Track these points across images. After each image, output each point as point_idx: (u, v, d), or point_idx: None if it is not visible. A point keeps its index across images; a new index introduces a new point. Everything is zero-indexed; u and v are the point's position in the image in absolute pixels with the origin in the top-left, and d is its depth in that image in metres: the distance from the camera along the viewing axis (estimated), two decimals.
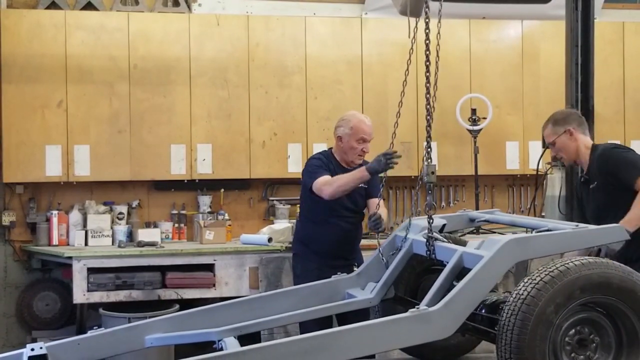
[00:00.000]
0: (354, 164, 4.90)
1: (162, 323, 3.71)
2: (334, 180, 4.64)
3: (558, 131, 4.51)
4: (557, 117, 4.59)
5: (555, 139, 4.53)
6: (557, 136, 4.51)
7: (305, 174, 4.88)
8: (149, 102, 6.84)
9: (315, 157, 4.96)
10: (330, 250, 4.87)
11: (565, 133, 4.49)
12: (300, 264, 4.97)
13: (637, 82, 7.67)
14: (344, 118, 4.95)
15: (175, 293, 6.31)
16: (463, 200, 7.64)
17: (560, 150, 4.55)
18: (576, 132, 4.51)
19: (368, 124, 4.88)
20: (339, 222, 4.86)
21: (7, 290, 6.94)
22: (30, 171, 6.62)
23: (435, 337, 3.25)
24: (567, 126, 4.50)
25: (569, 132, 4.49)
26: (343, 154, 4.92)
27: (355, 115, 4.96)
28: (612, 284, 3.18)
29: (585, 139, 4.56)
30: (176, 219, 7.08)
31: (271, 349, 3.06)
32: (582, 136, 4.54)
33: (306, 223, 5.02)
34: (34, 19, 6.67)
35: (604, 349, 3.28)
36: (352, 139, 4.85)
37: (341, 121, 4.94)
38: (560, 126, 4.51)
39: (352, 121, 4.87)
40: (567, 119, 4.54)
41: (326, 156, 4.97)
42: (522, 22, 7.58)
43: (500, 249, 3.26)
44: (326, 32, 7.21)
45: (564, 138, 4.50)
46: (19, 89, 6.59)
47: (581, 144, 4.52)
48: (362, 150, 4.87)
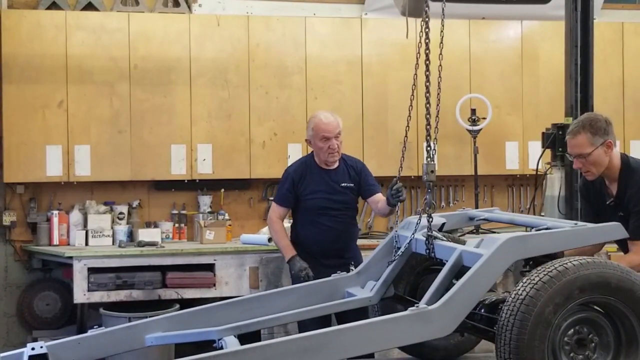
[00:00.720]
0: (330, 163, 4.96)
1: (162, 322, 3.71)
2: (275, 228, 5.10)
3: (597, 142, 3.82)
4: (597, 124, 3.83)
5: (593, 151, 3.83)
6: (595, 148, 3.82)
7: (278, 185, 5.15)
8: (150, 102, 6.85)
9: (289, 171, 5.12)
10: (321, 250, 4.92)
11: (603, 145, 3.82)
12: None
13: (637, 82, 7.68)
14: (309, 120, 5.06)
15: (175, 293, 6.32)
16: (463, 200, 7.65)
17: (593, 164, 3.88)
18: (613, 146, 3.88)
19: (327, 122, 4.91)
20: (326, 222, 4.91)
21: (7, 290, 6.95)
22: (31, 171, 6.63)
23: (435, 336, 3.26)
24: (609, 138, 3.83)
25: (608, 146, 3.83)
26: (316, 155, 5.04)
27: (317, 115, 5.03)
28: (610, 283, 3.18)
29: (617, 153, 3.92)
30: (176, 219, 7.09)
31: (271, 348, 3.06)
32: (616, 150, 3.92)
33: (297, 224, 5.12)
34: (34, 19, 6.68)
35: (602, 349, 3.28)
36: (316, 139, 4.94)
37: (307, 123, 5.05)
38: (600, 136, 3.82)
39: (313, 121, 4.97)
40: (608, 129, 3.83)
41: (306, 161, 5.08)
42: (522, 22, 7.59)
43: (500, 247, 3.26)
44: (326, 32, 7.23)
45: (601, 151, 3.83)
46: (19, 89, 6.61)
47: (614, 160, 3.90)
48: (330, 148, 4.89)
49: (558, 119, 6.09)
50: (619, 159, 3.94)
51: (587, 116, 3.97)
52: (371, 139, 7.23)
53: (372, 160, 7.14)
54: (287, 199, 5.05)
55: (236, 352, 3.10)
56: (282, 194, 5.08)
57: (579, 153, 3.88)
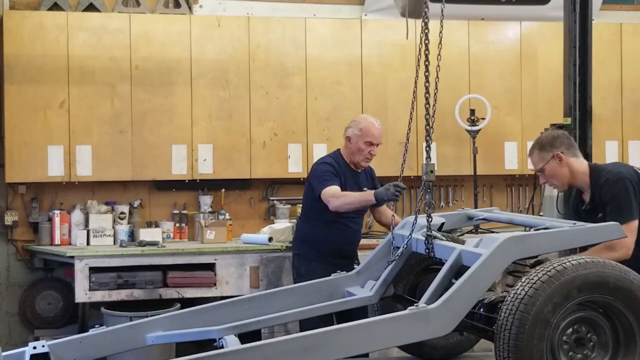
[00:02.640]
0: (361, 166, 4.99)
1: (163, 321, 3.72)
2: (342, 195, 4.74)
3: (546, 157, 4.10)
4: (543, 141, 4.15)
5: (544, 166, 4.11)
6: (546, 162, 4.10)
7: (314, 178, 4.93)
8: (151, 103, 6.87)
9: (326, 162, 5.01)
10: (335, 250, 4.93)
11: (553, 158, 4.08)
12: (304, 264, 5.01)
13: (635, 82, 7.70)
14: (355, 119, 5.08)
15: (176, 292, 6.34)
16: (462, 200, 7.67)
17: (552, 177, 4.14)
18: (566, 156, 4.08)
19: (377, 128, 5.00)
20: (347, 222, 4.93)
21: (9, 289, 6.97)
22: (33, 171, 6.65)
23: (434, 335, 3.27)
24: (555, 150, 4.08)
25: (558, 157, 4.07)
26: (351, 155, 5.01)
27: (366, 118, 5.08)
28: (609, 283, 3.19)
29: (578, 162, 4.12)
30: (177, 218, 7.12)
31: (271, 347, 3.07)
32: (574, 159, 4.11)
33: (311, 223, 5.06)
34: (36, 20, 6.70)
35: (601, 348, 3.29)
36: (360, 140, 4.95)
37: (352, 122, 5.06)
38: (547, 151, 4.10)
39: (362, 123, 4.99)
40: (554, 143, 4.10)
41: (335, 158, 5.05)
42: (521, 23, 7.61)
43: (498, 247, 3.27)
44: (326, 33, 7.25)
45: (553, 164, 4.09)
46: (21, 89, 6.63)
47: (575, 168, 4.10)
48: (370, 153, 4.94)
49: (557, 119, 6.10)
50: (586, 167, 4.14)
51: (541, 136, 4.32)
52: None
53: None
54: (337, 181, 4.87)
55: (237, 351, 3.11)
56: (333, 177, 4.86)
57: (536, 170, 4.22)
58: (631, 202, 3.93)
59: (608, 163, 4.38)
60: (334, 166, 4.95)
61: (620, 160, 7.60)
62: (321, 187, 4.80)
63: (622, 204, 3.92)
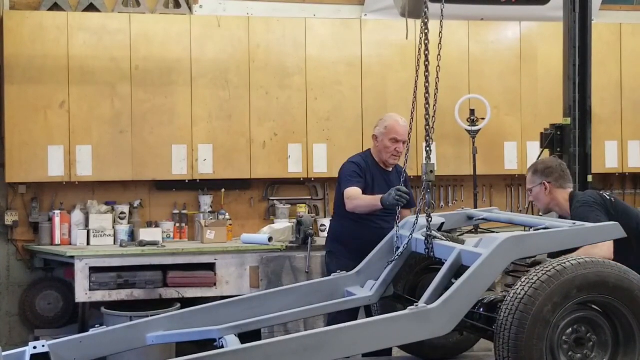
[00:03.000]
0: (389, 164, 5.02)
1: (164, 321, 3.72)
2: (355, 198, 4.84)
3: (535, 181, 4.48)
4: (538, 167, 4.54)
5: (532, 188, 4.51)
6: (534, 185, 4.49)
7: (341, 177, 5.05)
8: (151, 103, 6.88)
9: (353, 162, 5.08)
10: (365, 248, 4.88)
11: (540, 185, 4.45)
12: (335, 261, 5.01)
13: (634, 82, 7.71)
14: (382, 118, 5.14)
15: (176, 292, 6.35)
16: (462, 200, 7.68)
17: (535, 199, 4.54)
18: (552, 187, 4.44)
19: (402, 125, 5.02)
20: (378, 221, 4.93)
21: (10, 289, 6.98)
22: (33, 171, 6.66)
23: (434, 335, 3.27)
24: (544, 179, 4.44)
25: (544, 186, 4.44)
26: (379, 153, 5.08)
27: (392, 116, 5.12)
28: (608, 283, 3.20)
29: (562, 193, 4.46)
30: (177, 218, 7.12)
31: (271, 346, 3.08)
32: (560, 191, 4.45)
33: (342, 222, 5.07)
34: (36, 20, 6.71)
35: (600, 348, 3.30)
36: (385, 138, 5.00)
37: (379, 121, 5.12)
38: (537, 177, 4.47)
39: (388, 121, 5.05)
40: (546, 172, 4.46)
41: (364, 157, 5.10)
42: (520, 23, 7.62)
43: (498, 246, 3.28)
44: (326, 33, 7.25)
45: (539, 190, 4.47)
46: (21, 89, 6.63)
47: (557, 197, 4.45)
48: (396, 150, 4.98)
49: (556, 120, 6.12)
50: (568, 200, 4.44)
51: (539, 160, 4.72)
52: (371, 139, 7.22)
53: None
54: (360, 182, 4.96)
55: (237, 351, 3.11)
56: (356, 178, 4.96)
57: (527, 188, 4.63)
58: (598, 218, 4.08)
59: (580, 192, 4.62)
60: (360, 166, 5.01)
61: (620, 160, 7.64)
62: (344, 187, 4.93)
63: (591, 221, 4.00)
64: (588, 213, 4.16)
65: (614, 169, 7.73)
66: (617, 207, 4.32)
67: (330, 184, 7.54)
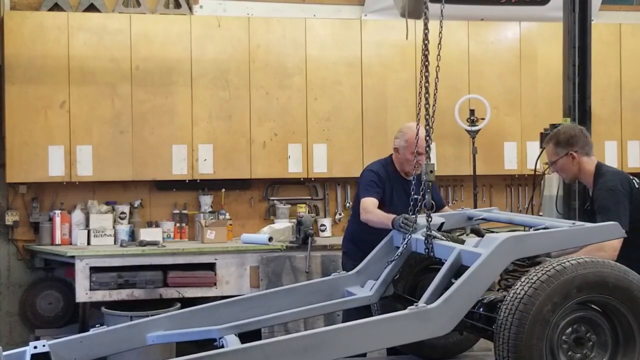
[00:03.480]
0: (411, 174, 4.93)
1: (164, 321, 3.72)
2: (370, 212, 4.78)
3: (560, 153, 4.31)
4: (560, 137, 4.34)
5: (557, 160, 4.34)
6: (559, 157, 4.32)
7: (360, 184, 5.03)
8: (151, 103, 6.89)
9: (373, 170, 5.02)
10: None
11: (567, 156, 4.29)
12: (350, 262, 5.00)
13: (634, 82, 7.72)
14: (401, 130, 5.03)
15: (176, 292, 6.36)
16: (461, 200, 7.69)
17: (561, 170, 4.38)
18: (579, 156, 4.28)
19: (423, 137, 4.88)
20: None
21: (10, 289, 7.00)
22: (34, 171, 6.67)
23: (434, 334, 3.27)
24: (570, 149, 4.28)
25: (571, 156, 4.28)
26: (400, 164, 5.02)
27: (411, 128, 4.92)
28: (608, 282, 3.19)
29: (589, 161, 4.31)
30: (178, 218, 7.14)
31: (271, 346, 3.07)
32: (586, 158, 4.31)
33: (361, 224, 5.01)
34: (37, 20, 6.72)
35: (600, 347, 3.29)
36: (407, 151, 4.92)
37: (399, 133, 5.03)
38: (562, 148, 4.30)
39: (408, 134, 4.92)
40: (571, 141, 4.29)
41: (385, 165, 5.05)
42: (520, 24, 7.62)
43: (498, 246, 3.28)
44: (326, 33, 7.26)
45: (565, 160, 4.31)
46: (22, 90, 6.65)
47: (585, 167, 4.30)
48: (418, 162, 4.84)
49: (556, 120, 6.11)
50: (594, 167, 4.32)
51: (557, 129, 4.49)
52: (371, 139, 7.27)
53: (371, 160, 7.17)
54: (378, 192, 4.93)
55: (237, 351, 3.11)
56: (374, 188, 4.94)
57: (549, 160, 4.47)
58: (620, 215, 4.01)
59: (610, 169, 4.43)
60: (380, 175, 4.96)
61: (619, 160, 7.64)
62: (362, 195, 4.91)
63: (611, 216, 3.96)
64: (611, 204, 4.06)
65: None
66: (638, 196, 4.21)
67: (330, 184, 7.55)
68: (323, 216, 7.47)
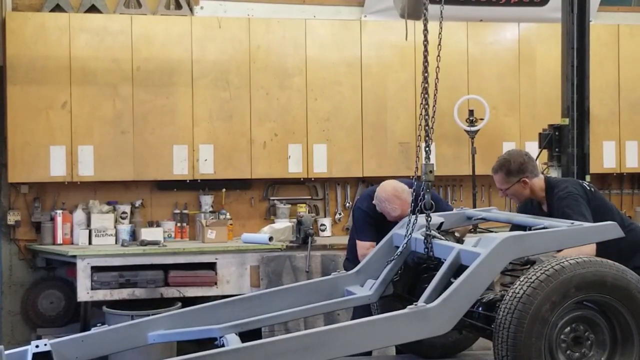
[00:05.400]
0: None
1: (165, 320, 3.73)
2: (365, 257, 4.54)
3: (512, 180, 4.38)
4: (511, 167, 4.38)
5: (509, 187, 4.41)
6: (511, 185, 4.39)
7: (354, 224, 5.03)
8: (152, 104, 6.91)
9: (362, 209, 4.91)
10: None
11: (519, 182, 4.37)
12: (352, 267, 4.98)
13: (632, 83, 7.74)
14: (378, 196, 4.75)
15: (177, 291, 6.38)
16: (461, 200, 7.71)
17: (513, 195, 4.47)
18: (530, 180, 4.38)
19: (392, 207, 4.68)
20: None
21: (12, 288, 7.01)
22: (35, 171, 6.69)
23: (433, 334, 3.29)
24: (522, 176, 4.36)
25: (523, 182, 4.37)
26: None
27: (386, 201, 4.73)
28: (606, 282, 3.22)
29: (538, 181, 4.43)
30: (178, 218, 7.15)
31: (271, 345, 3.09)
32: (536, 180, 4.42)
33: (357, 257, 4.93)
34: (38, 21, 6.74)
35: (598, 346, 3.31)
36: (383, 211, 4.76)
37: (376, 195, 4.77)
38: (514, 176, 4.37)
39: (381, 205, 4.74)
40: (521, 168, 4.37)
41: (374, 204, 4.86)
42: (519, 24, 7.64)
43: (497, 246, 3.30)
44: (326, 34, 7.28)
45: (518, 186, 4.39)
46: (23, 90, 6.66)
47: (535, 187, 4.41)
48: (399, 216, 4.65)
49: (555, 120, 6.14)
50: (543, 183, 4.45)
51: (504, 158, 4.48)
52: (370, 139, 7.29)
53: (371, 160, 7.24)
54: (372, 233, 4.82)
55: (237, 350, 3.13)
56: (367, 230, 4.87)
57: (500, 188, 4.49)
58: (583, 213, 4.11)
59: (558, 178, 4.70)
60: (369, 214, 4.83)
61: (618, 160, 7.67)
62: (357, 237, 4.92)
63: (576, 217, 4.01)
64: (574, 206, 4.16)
65: (611, 169, 7.76)
66: (595, 199, 4.33)
67: (330, 184, 7.57)
68: (323, 216, 7.49)
